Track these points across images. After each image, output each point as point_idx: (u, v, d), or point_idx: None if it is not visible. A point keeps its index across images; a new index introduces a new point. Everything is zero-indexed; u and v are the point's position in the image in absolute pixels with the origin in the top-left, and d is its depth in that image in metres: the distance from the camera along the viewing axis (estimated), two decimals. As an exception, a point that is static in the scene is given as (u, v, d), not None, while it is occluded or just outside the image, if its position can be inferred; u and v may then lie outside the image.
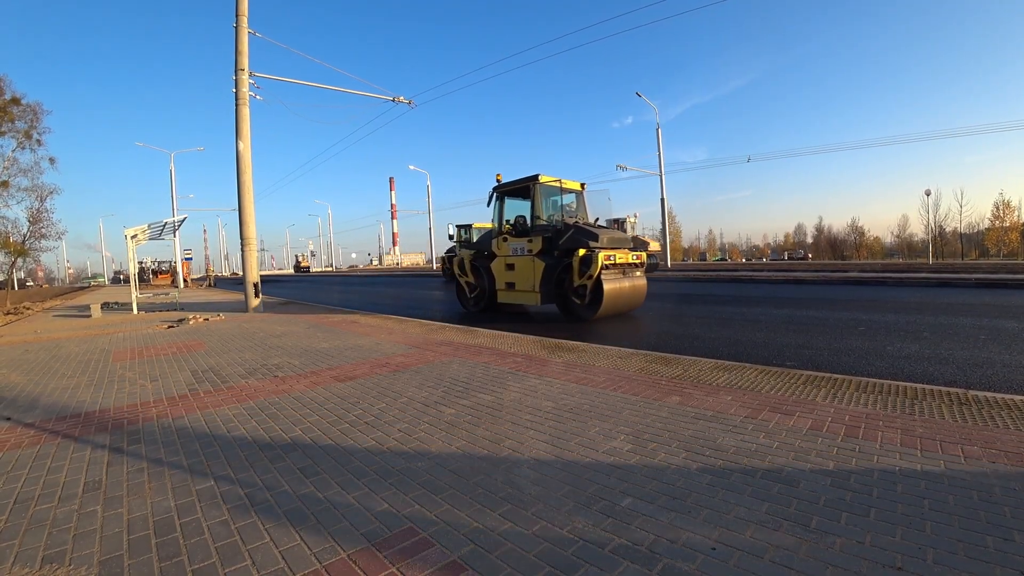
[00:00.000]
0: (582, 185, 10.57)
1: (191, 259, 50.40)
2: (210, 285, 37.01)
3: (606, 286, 8.44)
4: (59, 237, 24.68)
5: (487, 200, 10.63)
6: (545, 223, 9.73)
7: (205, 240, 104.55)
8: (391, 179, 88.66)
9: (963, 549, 1.77)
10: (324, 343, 6.94)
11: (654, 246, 26.58)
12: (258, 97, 12.69)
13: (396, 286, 24.23)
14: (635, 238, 22.90)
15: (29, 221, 21.79)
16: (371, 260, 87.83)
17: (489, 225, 29.09)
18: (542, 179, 9.68)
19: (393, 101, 16.11)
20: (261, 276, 13.07)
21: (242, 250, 12.49)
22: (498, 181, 10.51)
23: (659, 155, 29.12)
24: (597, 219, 10.35)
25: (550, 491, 2.34)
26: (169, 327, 9.71)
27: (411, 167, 62.38)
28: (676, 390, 3.94)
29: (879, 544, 1.82)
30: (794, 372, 4.35)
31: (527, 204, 10.15)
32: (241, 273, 13.04)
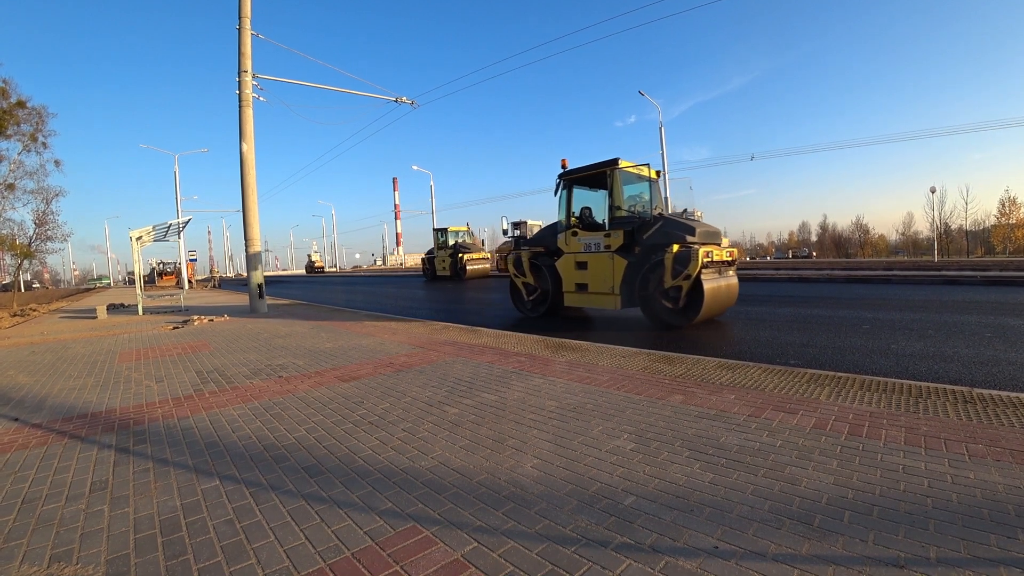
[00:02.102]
0: (656, 172, 9.11)
1: (196, 260, 50.66)
2: (215, 286, 37.14)
3: (706, 287, 7.25)
4: (65, 239, 24.80)
5: (554, 189, 9.33)
6: (627, 215, 8.41)
7: (210, 241, 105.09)
8: (394, 179, 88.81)
9: (967, 548, 1.77)
10: (328, 343, 6.96)
11: None
12: (261, 99, 12.74)
13: (398, 286, 24.25)
14: None
15: (35, 223, 21.93)
16: (375, 260, 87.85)
17: (461, 228, 29.43)
18: (622, 164, 8.39)
19: (396, 101, 16.15)
20: (266, 277, 13.11)
21: (246, 251, 12.54)
22: (563, 167, 9.26)
23: (662, 154, 29.09)
24: (684, 210, 8.82)
25: (553, 490, 2.35)
26: (174, 328, 9.76)
27: (414, 167, 62.41)
28: (679, 389, 3.94)
29: (882, 543, 1.82)
30: (798, 370, 4.34)
31: (597, 194, 9.21)
32: (245, 274, 13.07)
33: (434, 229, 28.35)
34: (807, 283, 15.13)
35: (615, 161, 8.32)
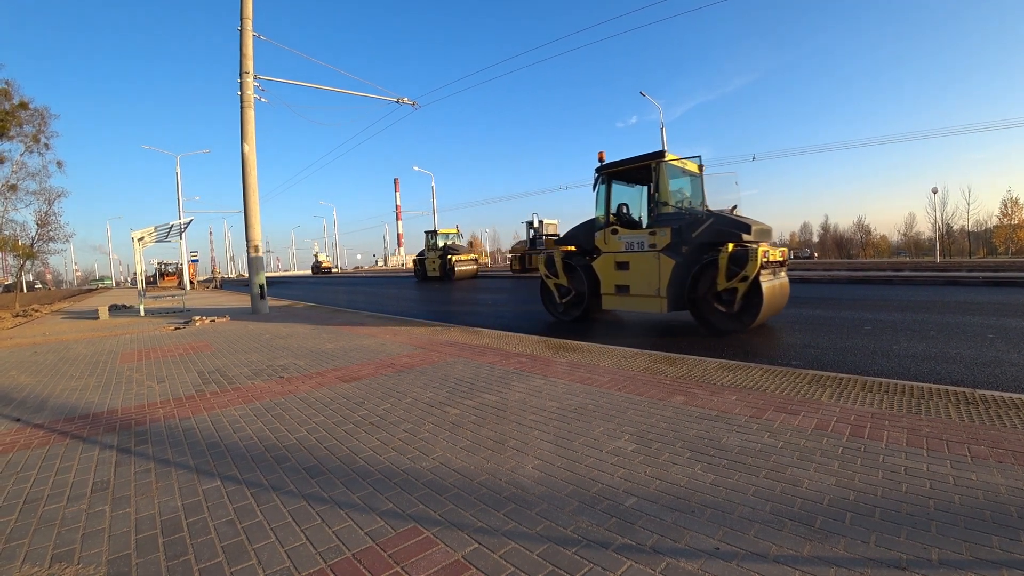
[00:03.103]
0: (700, 167, 8.38)
1: (197, 261, 50.65)
2: (216, 287, 37.19)
3: (764, 288, 6.72)
4: (67, 240, 24.89)
5: (592, 184, 8.64)
6: (674, 211, 7.74)
7: (211, 242, 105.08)
8: (396, 180, 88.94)
9: (969, 550, 1.76)
10: (329, 344, 6.96)
11: None
12: (263, 100, 12.76)
13: (399, 286, 24.26)
14: None
15: (37, 224, 22.00)
16: (376, 261, 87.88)
17: (452, 231, 29.74)
18: (668, 157, 7.74)
19: (397, 102, 16.17)
20: (267, 278, 13.13)
21: (248, 252, 12.56)
22: (601, 160, 8.62)
23: (663, 155, 28.99)
24: (734, 207, 8.05)
25: (554, 491, 2.35)
26: (176, 329, 9.77)
27: (416, 168, 62.50)
28: (680, 390, 3.94)
29: (884, 544, 1.81)
30: (799, 372, 4.34)
31: (634, 189, 8.74)
32: (247, 275, 13.09)
33: (425, 231, 29.59)
34: (809, 284, 15.10)
35: (661, 153, 7.73)
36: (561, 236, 9.55)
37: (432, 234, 28.71)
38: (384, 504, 2.30)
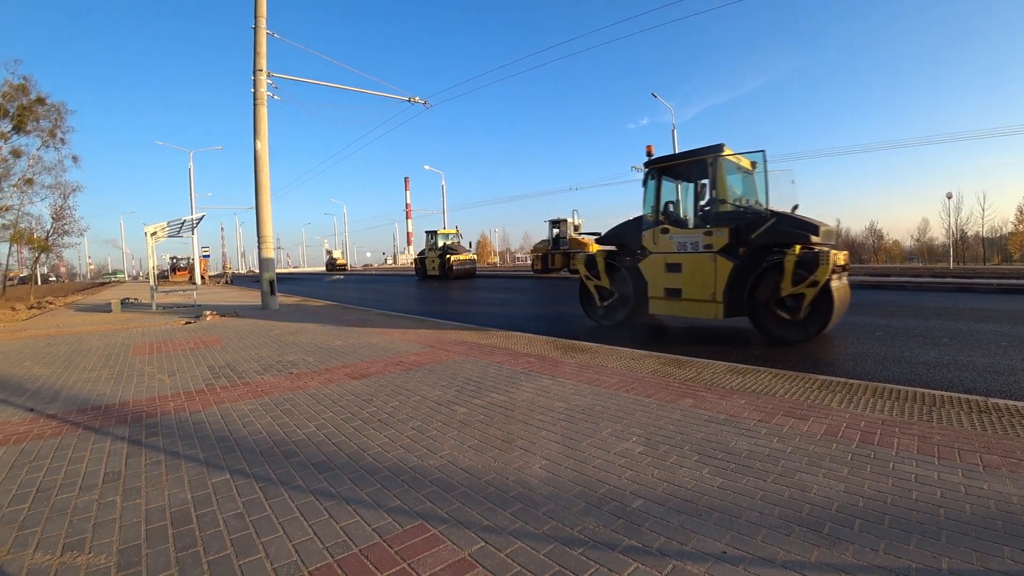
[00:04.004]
0: (753, 164, 7.81)
1: (209, 256, 51.12)
2: (227, 282, 37.48)
3: (836, 294, 6.25)
4: (81, 233, 25.15)
5: (642, 179, 8.10)
6: (732, 209, 7.18)
7: (222, 238, 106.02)
8: (406, 179, 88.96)
9: (979, 560, 1.75)
10: (338, 340, 7.00)
11: None
12: (276, 97, 12.85)
13: (407, 285, 24.34)
14: None
15: (52, 218, 22.28)
16: (385, 259, 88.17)
17: (451, 231, 30.18)
18: (726, 152, 7.21)
19: (409, 101, 16.22)
20: (278, 274, 13.22)
21: (259, 248, 12.65)
22: (649, 154, 8.10)
23: (675, 157, 28.91)
24: (795, 206, 7.31)
25: (561, 491, 2.35)
26: (187, 323, 9.87)
27: (426, 167, 62.61)
28: (689, 393, 3.92)
29: (893, 552, 1.80)
30: (809, 376, 4.31)
31: (683, 187, 8.26)
32: (257, 271, 13.18)
33: (426, 232, 30.73)
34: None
35: (719, 147, 7.17)
36: (603, 234, 9.08)
37: (432, 234, 29.63)
38: (391, 501, 2.31)
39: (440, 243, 28.75)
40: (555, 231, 25.82)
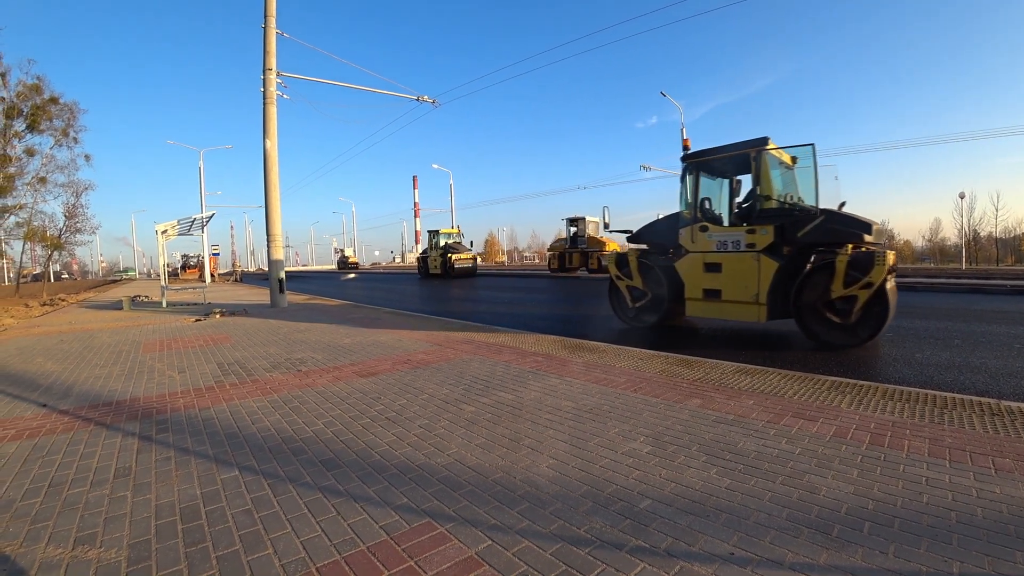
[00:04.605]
0: (793, 159, 7.43)
1: (218, 254, 51.50)
2: (236, 280, 37.74)
3: (891, 298, 5.97)
4: (93, 231, 25.54)
5: (680, 175, 7.73)
6: (778, 206, 6.74)
7: (232, 236, 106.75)
8: (414, 177, 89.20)
9: (991, 564, 1.73)
10: (346, 339, 7.03)
11: None
12: (285, 96, 12.91)
13: (413, 283, 24.39)
14: None
15: (65, 216, 22.59)
16: (394, 258, 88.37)
17: (453, 231, 30.60)
18: (771, 146, 6.81)
19: (417, 100, 16.24)
20: (287, 272, 13.30)
21: (268, 246, 12.72)
22: (686, 148, 7.77)
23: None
24: (843, 204, 6.78)
25: (568, 491, 2.35)
26: (196, 320, 9.94)
27: (434, 166, 62.79)
28: (697, 393, 3.90)
29: (903, 555, 1.78)
30: (818, 377, 4.28)
31: (715, 182, 7.94)
32: (267, 269, 13.27)
33: (428, 231, 31.24)
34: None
35: (764, 141, 6.77)
36: (634, 232, 8.71)
37: (434, 234, 30.11)
38: (399, 499, 2.32)
39: (442, 242, 29.22)
40: (572, 229, 25.36)
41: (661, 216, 8.31)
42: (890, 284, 6.08)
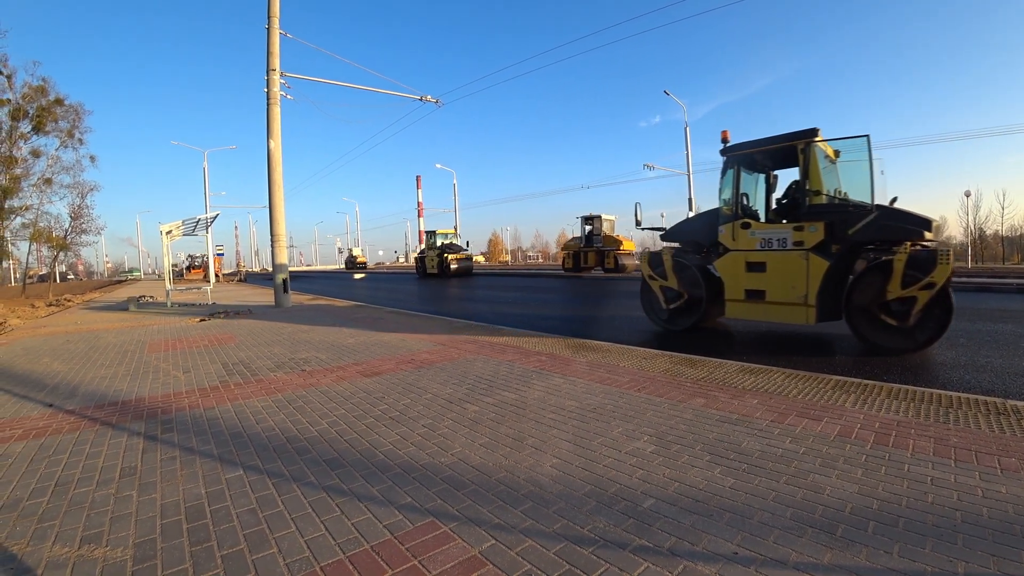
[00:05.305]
0: (836, 152, 6.97)
1: (223, 255, 51.67)
2: (241, 280, 37.87)
3: (954, 299, 5.61)
4: (98, 232, 25.67)
5: (721, 169, 7.36)
6: (828, 201, 6.43)
7: (236, 236, 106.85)
8: (418, 177, 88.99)
9: (997, 564, 1.72)
10: (350, 338, 7.04)
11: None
12: (289, 97, 12.95)
13: (417, 283, 24.43)
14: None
15: (71, 217, 22.70)
16: (397, 257, 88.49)
17: (450, 231, 31.06)
18: (819, 138, 6.46)
19: (420, 100, 16.27)
20: (290, 272, 13.33)
21: (272, 246, 12.76)
22: (725, 140, 7.35)
23: (687, 154, 28.81)
24: (895, 199, 6.38)
25: (572, 490, 2.35)
26: (201, 321, 9.98)
27: (438, 166, 62.84)
28: (701, 392, 3.90)
29: (908, 555, 1.78)
30: (823, 377, 4.26)
31: (753, 177, 7.54)
32: (271, 269, 13.31)
33: (425, 231, 32.46)
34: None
35: (813, 132, 6.42)
36: (668, 229, 8.39)
37: (431, 234, 31.05)
38: (403, 498, 2.33)
39: (439, 242, 29.85)
40: (588, 228, 25.05)
41: (664, 215, 8.19)
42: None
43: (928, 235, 5.75)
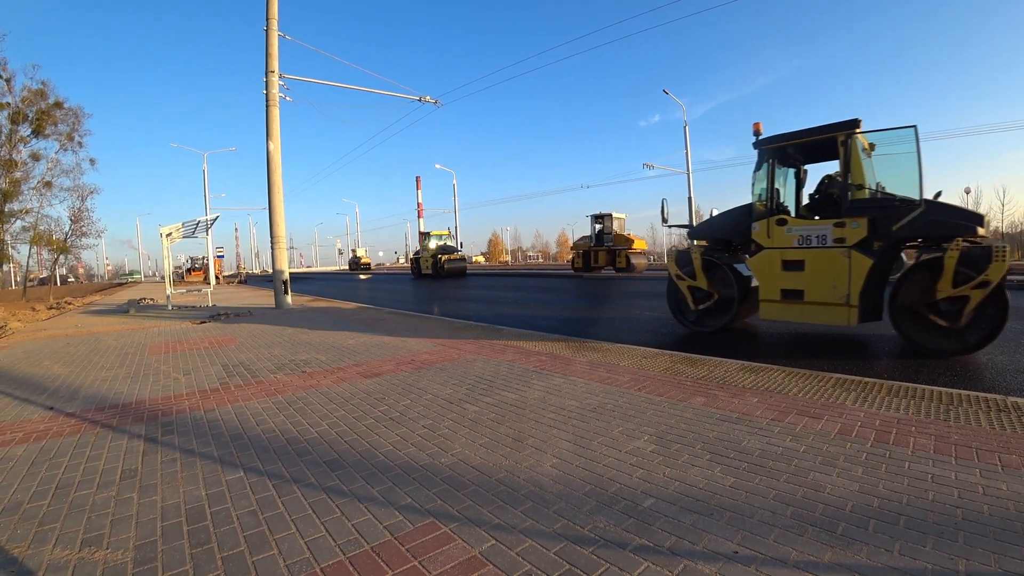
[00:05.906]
0: (871, 145, 6.55)
1: (223, 257, 51.62)
2: (241, 282, 37.89)
3: (1010, 298, 5.25)
4: (98, 235, 25.66)
5: (756, 162, 6.94)
6: (870, 196, 6.05)
7: (236, 238, 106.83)
8: (418, 178, 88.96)
9: (997, 561, 1.72)
10: (350, 339, 7.05)
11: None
12: (288, 98, 12.95)
13: (416, 284, 24.43)
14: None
15: (71, 220, 22.70)
16: (397, 258, 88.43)
17: (444, 232, 31.56)
18: (861, 129, 6.13)
19: (419, 101, 16.27)
20: (290, 274, 13.34)
21: (272, 248, 12.77)
22: (757, 133, 6.99)
23: (687, 153, 28.83)
24: (939, 193, 5.97)
25: (572, 490, 2.35)
26: (201, 323, 9.98)
27: (437, 166, 62.86)
28: (701, 391, 3.90)
29: (908, 553, 1.78)
30: (823, 375, 4.26)
31: (782, 171, 7.14)
32: (271, 271, 13.32)
33: (420, 232, 33.05)
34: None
35: (855, 123, 6.04)
36: (695, 227, 8.09)
37: (426, 235, 31.33)
38: (403, 499, 2.33)
39: (433, 244, 30.11)
40: (598, 226, 24.50)
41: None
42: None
43: (981, 231, 5.43)
